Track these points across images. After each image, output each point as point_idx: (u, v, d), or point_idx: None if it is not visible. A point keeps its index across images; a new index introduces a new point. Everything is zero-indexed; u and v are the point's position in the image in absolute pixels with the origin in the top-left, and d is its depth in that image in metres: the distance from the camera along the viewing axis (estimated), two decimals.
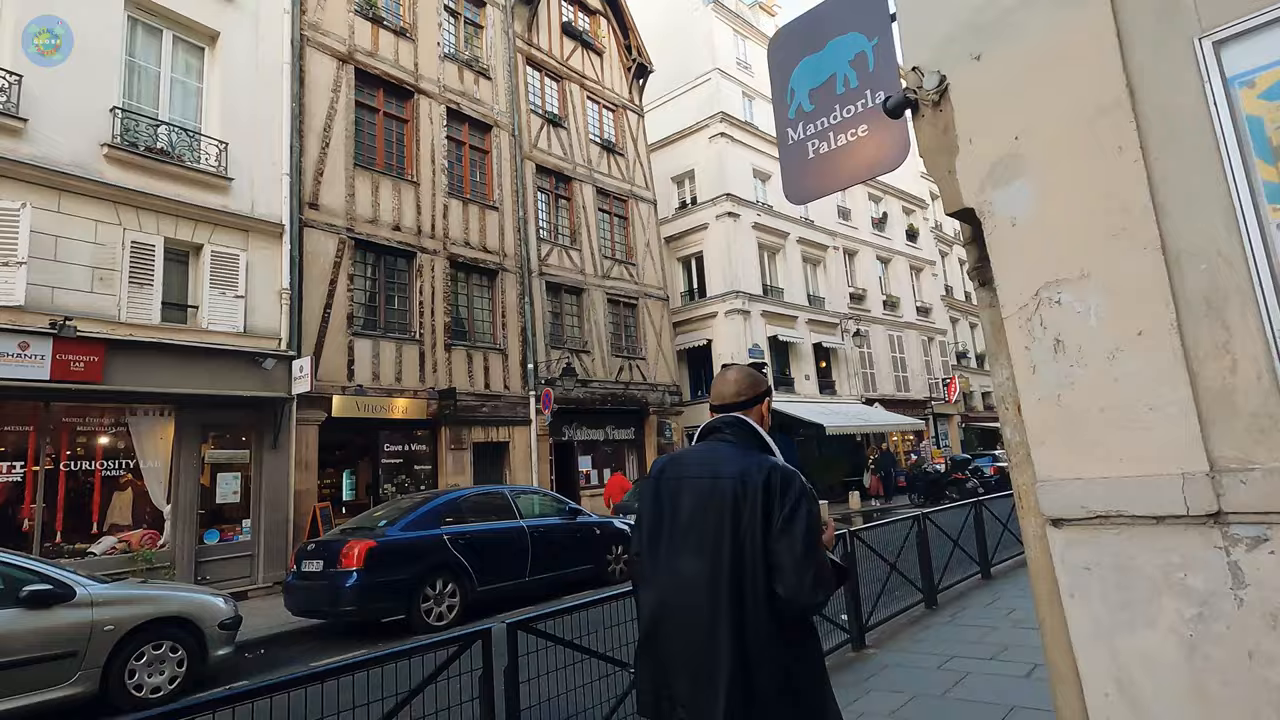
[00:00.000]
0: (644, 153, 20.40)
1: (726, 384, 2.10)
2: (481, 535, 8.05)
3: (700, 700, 1.71)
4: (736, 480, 1.83)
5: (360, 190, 12.83)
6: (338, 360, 11.94)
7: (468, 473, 13.65)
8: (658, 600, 1.86)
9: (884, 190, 30.55)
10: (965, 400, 32.40)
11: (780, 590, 1.71)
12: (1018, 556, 8.78)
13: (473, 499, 8.49)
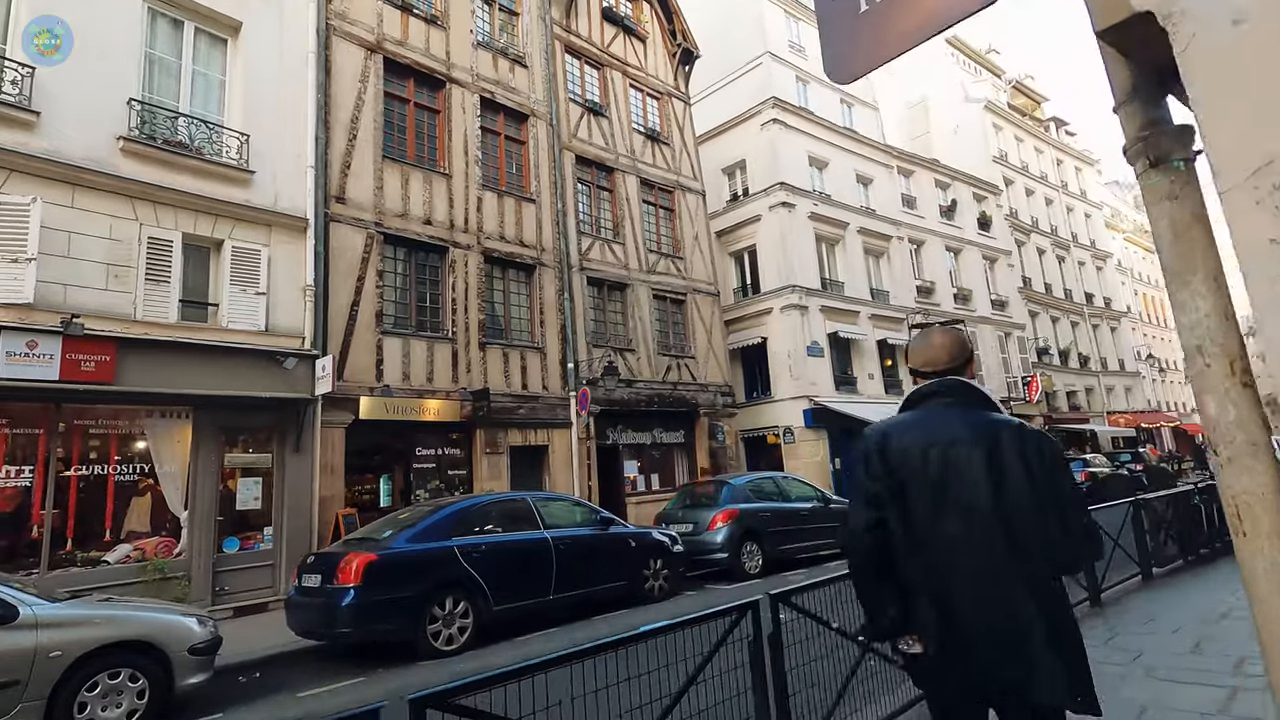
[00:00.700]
0: (691, 141, 19.41)
1: (934, 349, 2.16)
2: (499, 548, 7.20)
3: (1010, 656, 1.76)
4: (988, 439, 1.90)
5: (389, 183, 12.32)
6: (365, 360, 11.40)
7: (504, 478, 12.91)
8: (929, 566, 1.90)
9: (952, 176, 28.60)
10: (1047, 400, 29.93)
11: (1054, 544, 1.78)
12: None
13: (491, 506, 7.67)
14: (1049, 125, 38.28)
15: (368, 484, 11.51)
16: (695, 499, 10.72)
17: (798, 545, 10.63)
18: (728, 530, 9.79)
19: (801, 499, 11.26)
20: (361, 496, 11.38)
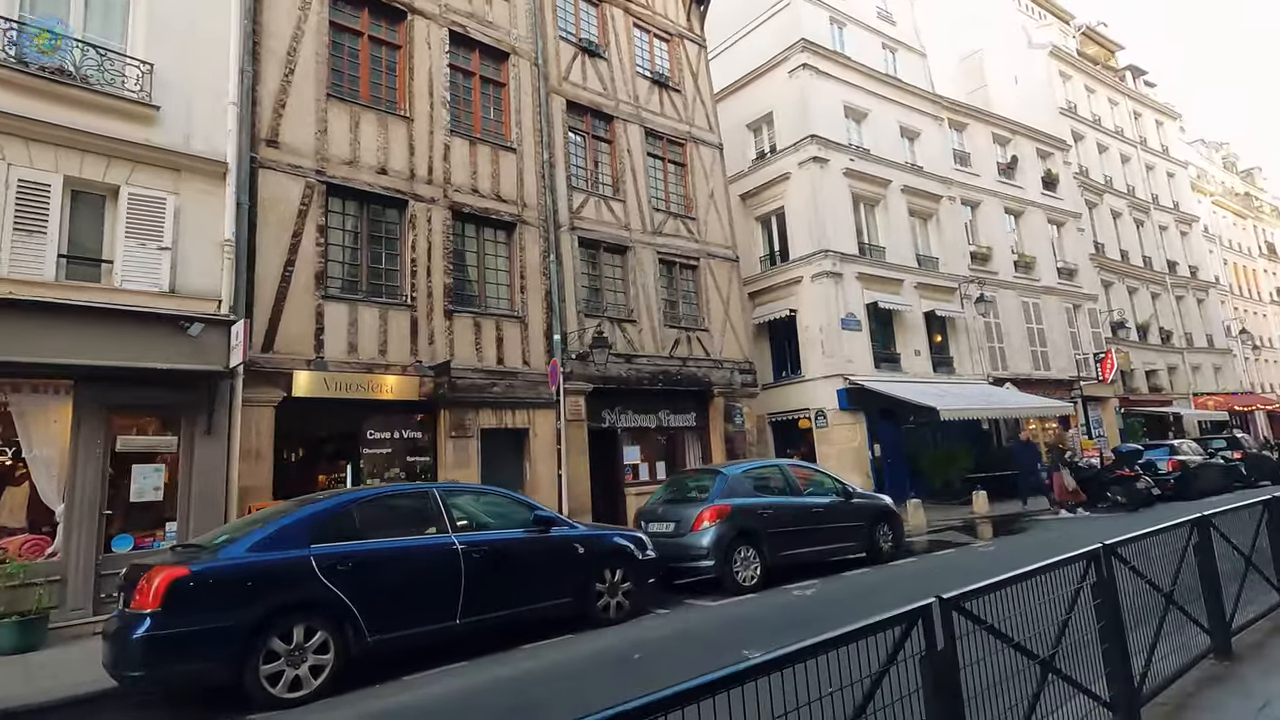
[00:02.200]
0: (706, 89, 17.24)
1: None
2: (380, 558, 5.43)
3: None
4: None
5: (336, 126, 10.68)
6: (302, 328, 9.82)
7: (473, 465, 11.21)
8: None
9: (1012, 129, 25.54)
10: (1124, 380, 26.66)
11: None
12: None
13: (376, 504, 5.88)
14: (1124, 74, 34.33)
15: (307, 472, 9.94)
16: (682, 492, 8.79)
17: (808, 549, 8.59)
18: (716, 531, 7.83)
19: (816, 493, 9.19)
20: (299, 487, 9.81)
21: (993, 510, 15.93)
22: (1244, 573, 5.02)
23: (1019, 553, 9.79)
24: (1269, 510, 5.60)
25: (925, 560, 9.61)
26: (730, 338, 15.90)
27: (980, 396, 18.73)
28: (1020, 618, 2.87)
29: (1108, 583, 3.41)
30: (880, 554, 9.34)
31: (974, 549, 10.33)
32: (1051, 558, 3.33)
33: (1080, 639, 3.16)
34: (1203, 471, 17.08)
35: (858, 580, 8.35)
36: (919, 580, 8.25)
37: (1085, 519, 13.75)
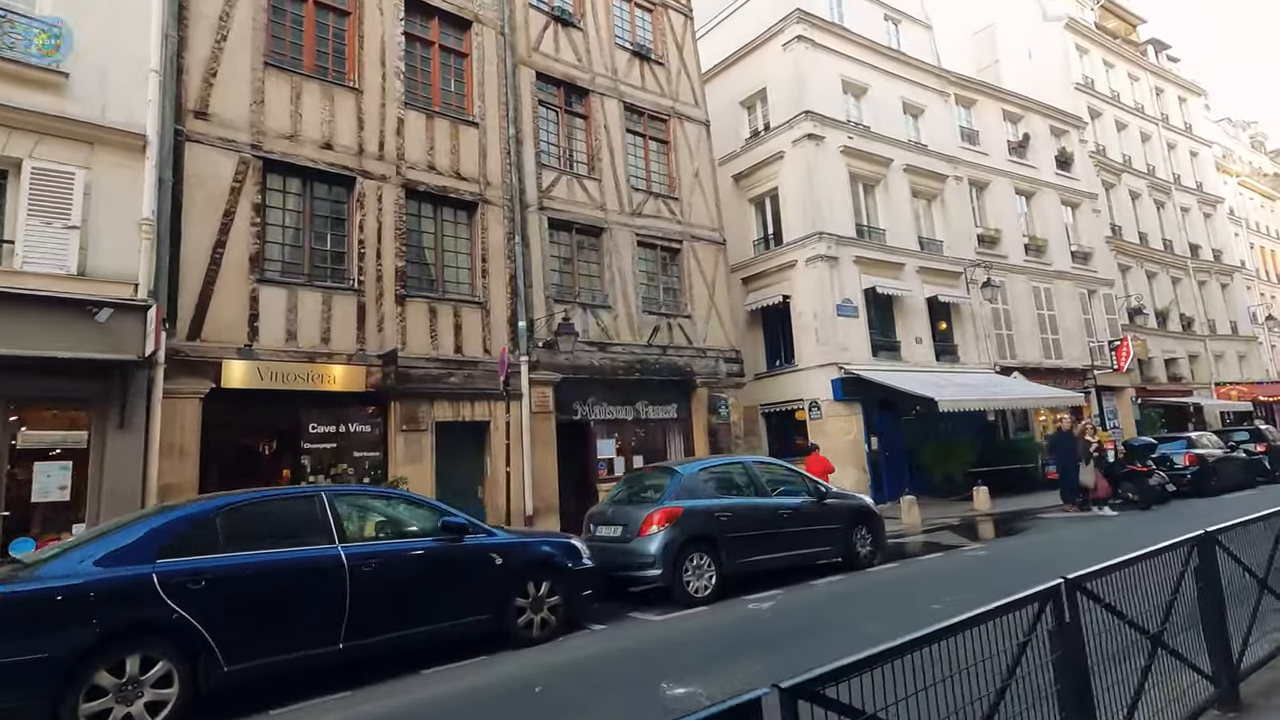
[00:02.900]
0: (693, 62, 16.31)
1: None
2: (242, 574, 4.71)
3: None
4: None
5: (274, 97, 9.94)
6: (233, 314, 9.14)
7: (426, 460, 10.52)
8: None
9: (1024, 106, 24.31)
10: (1141, 369, 25.46)
11: None
12: None
13: (250, 510, 5.15)
14: (1146, 49, 32.75)
15: (239, 469, 9.27)
16: (634, 492, 8.01)
17: (772, 556, 7.78)
18: (664, 537, 7.05)
19: (786, 493, 8.37)
20: (229, 485, 9.15)
21: (995, 507, 15.02)
22: (1259, 595, 4.17)
23: (1012, 558, 8.94)
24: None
25: (908, 566, 8.78)
26: (715, 325, 15.05)
27: (985, 386, 17.74)
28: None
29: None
30: (857, 559, 8.51)
31: (964, 553, 9.47)
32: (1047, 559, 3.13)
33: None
34: (1222, 466, 16.01)
35: (826, 590, 7.54)
36: (895, 590, 7.44)
37: (1093, 518, 12.79)
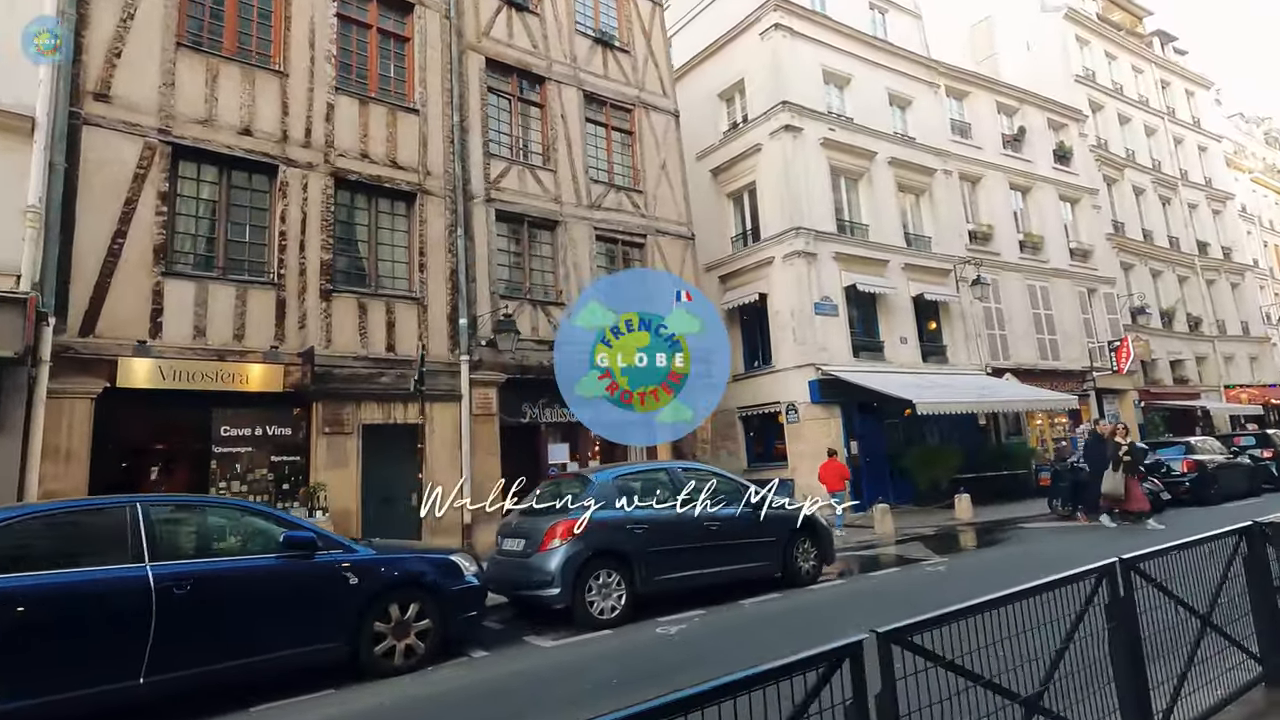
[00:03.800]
0: (662, 50, 15.63)
1: None
2: (11, 599, 4.05)
3: None
4: None
5: (187, 79, 9.37)
6: (133, 309, 8.54)
7: (351, 464, 9.88)
8: None
9: (1020, 99, 23.43)
10: (1144, 371, 24.45)
11: None
12: None
13: (37, 524, 4.50)
14: (1152, 41, 31.71)
15: (138, 475, 8.67)
16: (547, 502, 7.29)
17: (696, 572, 7.04)
18: (565, 552, 6.33)
19: (718, 502, 7.63)
20: (123, 491, 8.56)
21: (978, 515, 14.15)
22: (1199, 634, 3.42)
23: (970, 573, 8.15)
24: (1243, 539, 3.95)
25: (855, 583, 8.01)
26: None
27: (971, 389, 16.89)
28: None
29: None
30: (799, 575, 7.76)
31: (923, 567, 8.67)
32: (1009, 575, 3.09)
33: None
34: (1224, 473, 15.05)
35: (754, 611, 6.80)
36: (825, 611, 6.70)
37: (1078, 529, 11.93)
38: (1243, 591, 3.67)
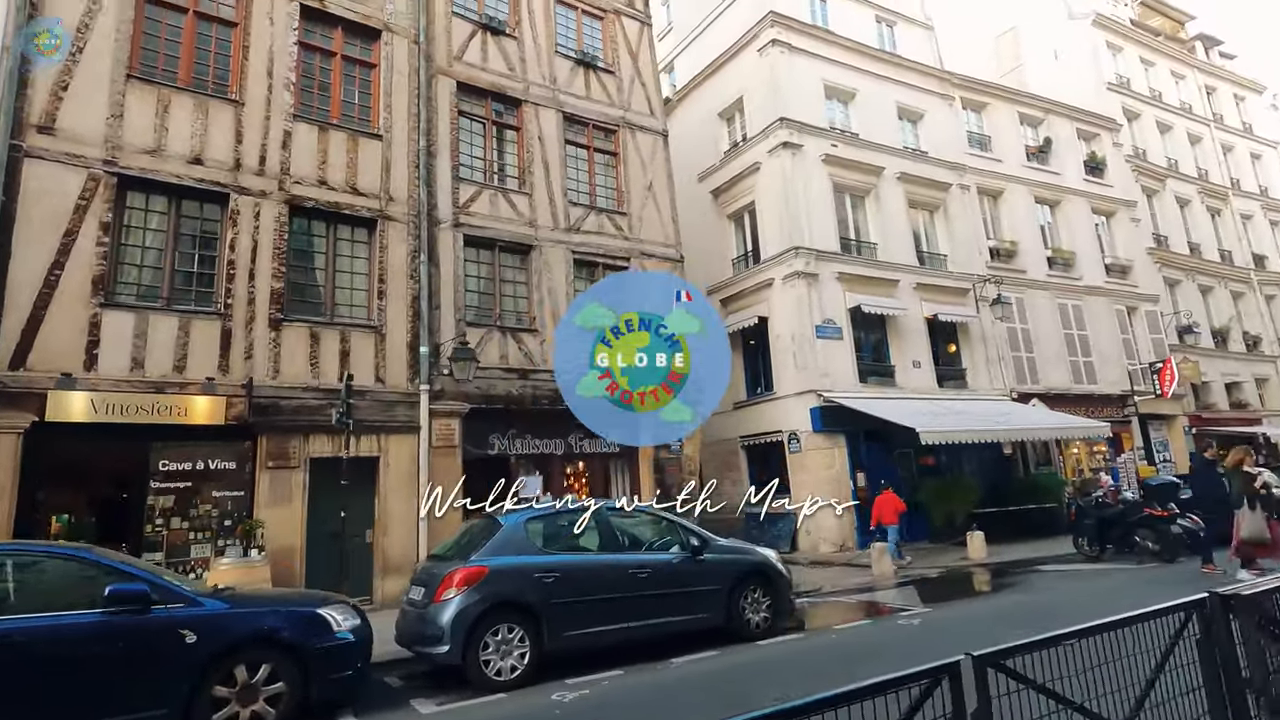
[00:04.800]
0: (650, 70, 15.25)
1: None
2: None
3: None
4: None
5: (137, 110, 9.32)
6: (67, 342, 8.38)
7: (297, 501, 9.48)
8: None
9: (1045, 109, 22.29)
10: (1195, 394, 22.60)
11: None
12: None
13: None
14: (1194, 45, 30.03)
15: (71, 511, 8.43)
16: (459, 546, 6.68)
17: (619, 626, 6.29)
18: (459, 604, 5.69)
19: (652, 546, 6.92)
20: (72, 531, 8.34)
21: (995, 554, 12.94)
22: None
23: (946, 628, 7.17)
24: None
25: (812, 638, 7.12)
26: None
27: (990, 416, 15.67)
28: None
29: None
30: (746, 628, 6.93)
31: (896, 620, 7.71)
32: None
33: None
34: None
35: (682, 671, 6.02)
36: (772, 673, 5.86)
37: (1099, 572, 10.69)
38: None
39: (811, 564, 13.75)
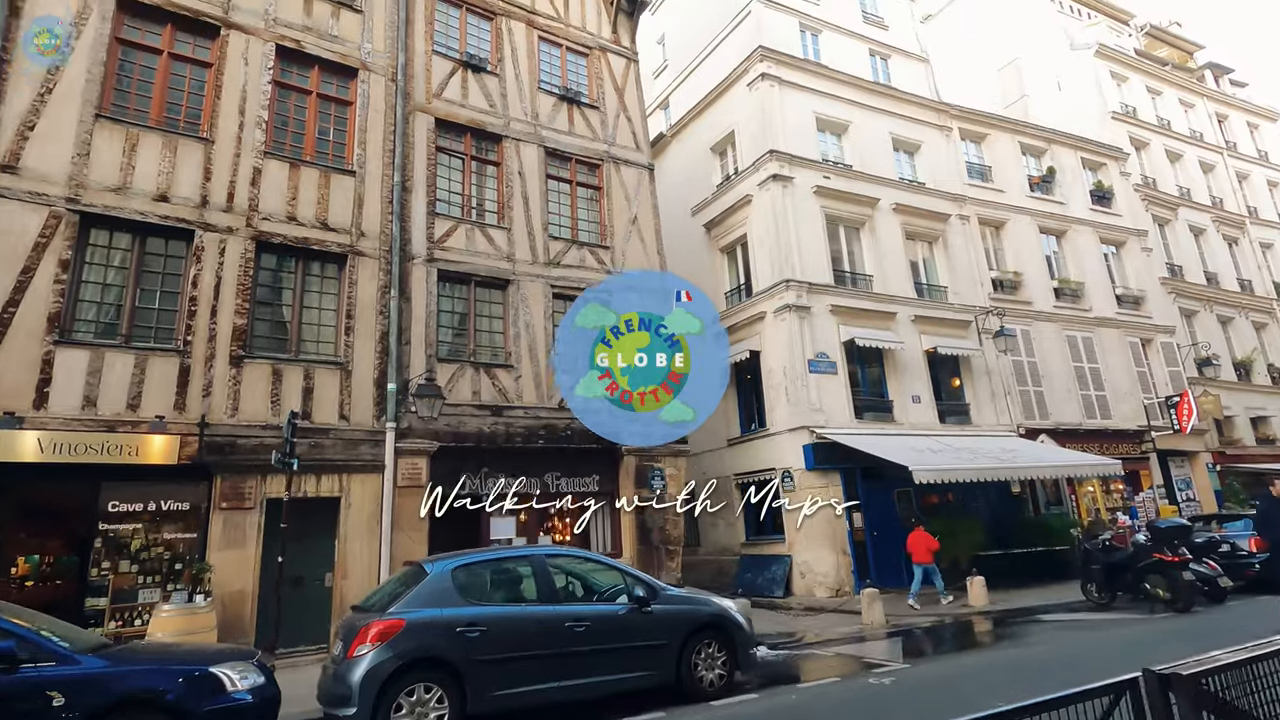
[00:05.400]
0: (636, 105, 15.23)
1: None
2: None
3: None
4: None
5: (104, 149, 9.34)
6: (17, 380, 8.25)
7: (250, 544, 9.16)
8: None
9: (1048, 139, 21.96)
10: (1219, 429, 21.61)
11: None
12: None
13: None
14: (1203, 74, 29.63)
15: (14, 554, 8.19)
16: (385, 596, 6.28)
17: (554, 686, 5.81)
18: (370, 661, 5.28)
19: (599, 596, 6.47)
20: (39, 573, 8.11)
21: (998, 601, 12.21)
22: None
23: (921, 686, 6.58)
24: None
25: (772, 698, 6.54)
26: None
27: (994, 453, 14.98)
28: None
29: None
30: (698, 686, 6.40)
31: (867, 678, 7.10)
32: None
33: None
34: None
35: None
36: None
37: (1107, 623, 9.94)
38: None
39: (804, 610, 13.06)
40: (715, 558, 17.13)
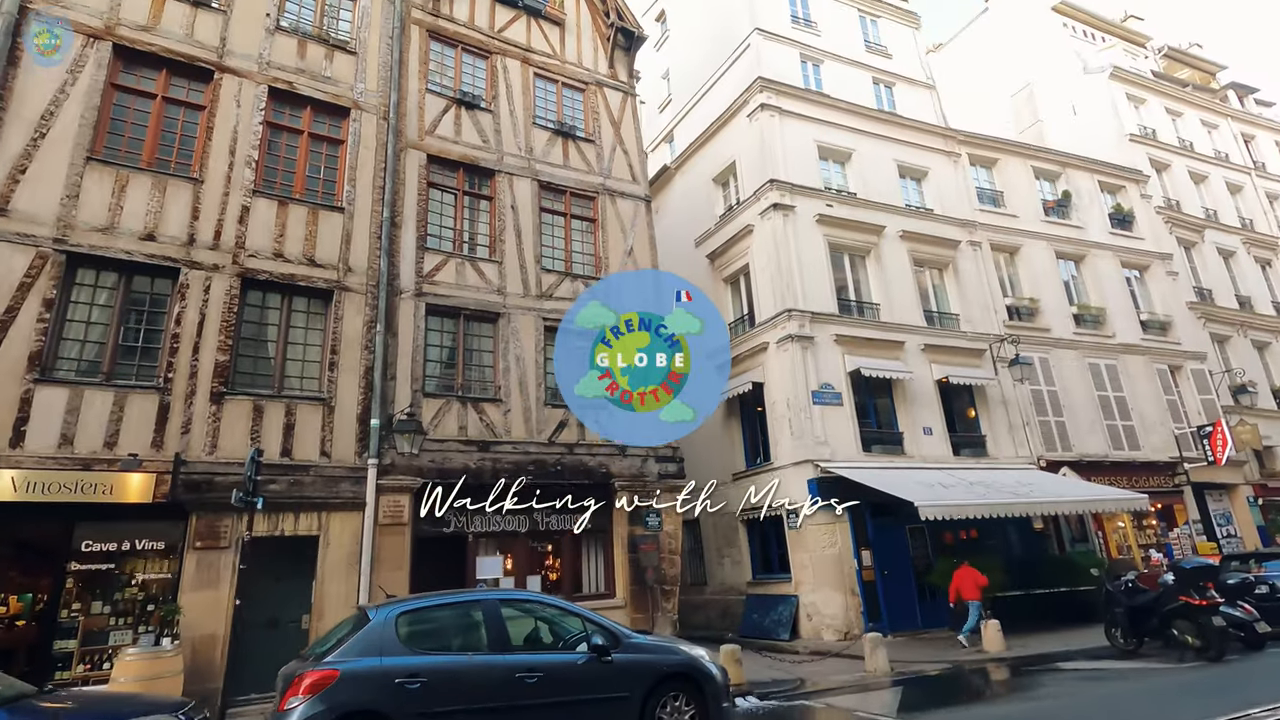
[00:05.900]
0: (633, 138, 15.23)
1: None
2: None
3: None
4: None
5: (94, 191, 9.50)
6: None
7: (225, 585, 8.96)
8: None
9: (1062, 162, 21.48)
10: (1259, 461, 20.47)
11: None
12: None
13: None
14: (1226, 95, 28.92)
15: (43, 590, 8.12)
16: (329, 643, 5.99)
17: None
18: (300, 716, 4.99)
19: (561, 644, 6.11)
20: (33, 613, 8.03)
21: (1014, 647, 11.46)
22: None
23: None
24: None
25: None
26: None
27: (1009, 487, 14.28)
28: None
29: None
30: None
31: None
32: None
33: None
34: None
35: None
36: None
37: (1124, 673, 9.21)
38: None
39: (810, 655, 12.38)
40: (721, 597, 16.54)
